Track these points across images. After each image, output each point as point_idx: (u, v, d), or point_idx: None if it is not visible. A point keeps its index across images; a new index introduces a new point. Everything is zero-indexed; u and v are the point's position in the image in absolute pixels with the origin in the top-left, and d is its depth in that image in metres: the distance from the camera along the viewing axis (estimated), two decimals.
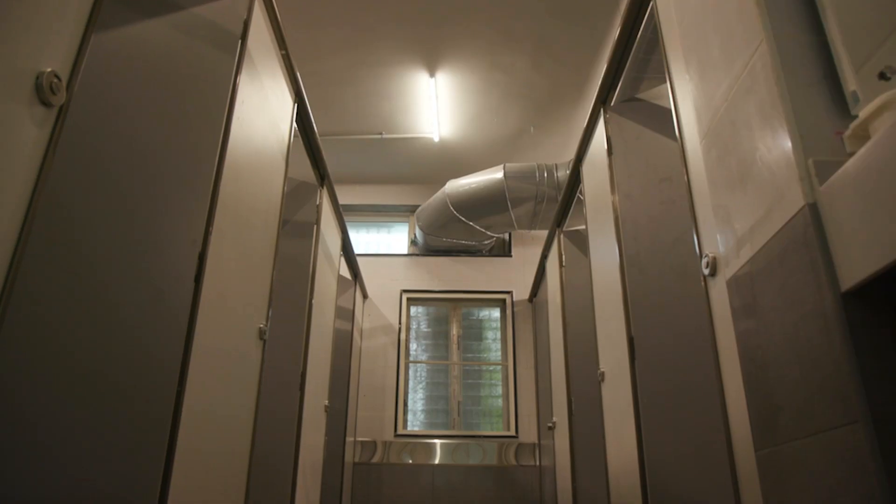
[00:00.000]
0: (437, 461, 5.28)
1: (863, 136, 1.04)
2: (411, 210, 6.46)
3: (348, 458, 4.85)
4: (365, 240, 6.53)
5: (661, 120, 2.53)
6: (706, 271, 1.51)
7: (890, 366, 0.93)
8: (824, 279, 1.00)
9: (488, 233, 5.62)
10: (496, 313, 6.07)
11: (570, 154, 4.25)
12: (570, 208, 3.78)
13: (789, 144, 1.11)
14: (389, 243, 6.54)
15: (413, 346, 5.92)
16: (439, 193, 5.58)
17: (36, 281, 0.98)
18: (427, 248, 6.09)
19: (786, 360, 1.11)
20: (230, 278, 1.89)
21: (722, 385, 1.44)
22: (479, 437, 5.39)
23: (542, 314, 4.88)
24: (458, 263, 6.06)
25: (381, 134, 5.60)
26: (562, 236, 3.98)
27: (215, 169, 1.75)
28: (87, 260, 1.14)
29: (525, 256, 6.06)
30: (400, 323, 5.80)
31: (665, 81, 1.85)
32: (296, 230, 3.25)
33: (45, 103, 1.00)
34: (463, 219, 5.44)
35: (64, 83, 1.05)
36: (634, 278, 2.31)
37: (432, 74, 4.86)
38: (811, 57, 1.18)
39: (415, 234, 6.21)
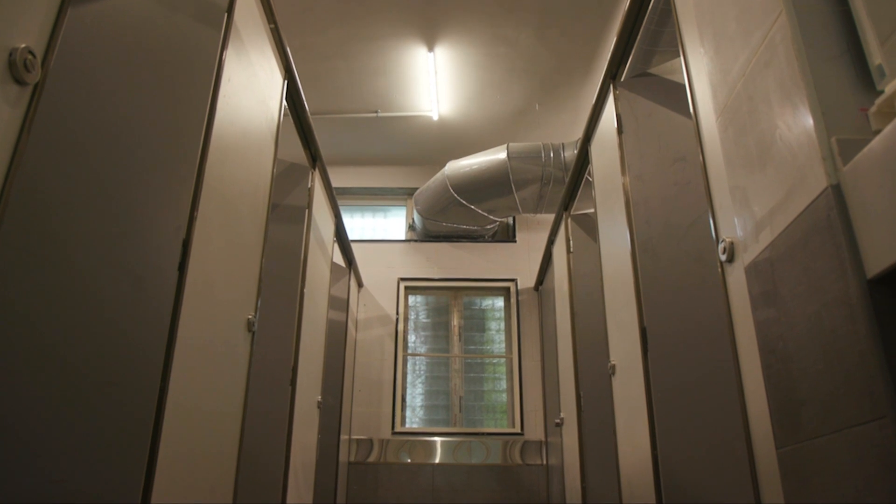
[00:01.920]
0: (437, 460, 5.32)
1: (889, 113, 1.04)
2: (409, 193, 6.45)
3: (343, 457, 4.89)
4: (360, 225, 6.53)
5: (675, 96, 2.52)
6: (723, 257, 1.51)
7: None
8: (849, 265, 1.00)
9: (491, 217, 5.62)
10: (500, 302, 6.08)
11: (578, 133, 4.24)
12: (577, 190, 3.78)
13: (811, 122, 1.11)
14: (386, 228, 6.55)
15: (411, 337, 5.94)
16: (439, 175, 5.57)
17: (9, 269, 0.98)
18: (426, 233, 6.09)
19: (808, 352, 1.12)
20: (216, 266, 1.89)
21: (740, 378, 1.45)
22: (482, 434, 5.42)
23: (549, 303, 4.89)
24: (458, 249, 6.06)
25: (376, 112, 5.58)
26: (569, 220, 3.98)
27: (200, 150, 1.75)
28: (64, 247, 1.14)
29: (530, 242, 6.07)
30: (397, 313, 5.82)
31: (678, 55, 1.84)
32: (286, 215, 3.25)
33: (19, 81, 1.00)
34: (464, 202, 5.44)
35: (39, 60, 1.04)
36: (647, 265, 2.31)
37: (431, 49, 4.84)
38: (833, 29, 1.17)
39: (413, 219, 6.21)
